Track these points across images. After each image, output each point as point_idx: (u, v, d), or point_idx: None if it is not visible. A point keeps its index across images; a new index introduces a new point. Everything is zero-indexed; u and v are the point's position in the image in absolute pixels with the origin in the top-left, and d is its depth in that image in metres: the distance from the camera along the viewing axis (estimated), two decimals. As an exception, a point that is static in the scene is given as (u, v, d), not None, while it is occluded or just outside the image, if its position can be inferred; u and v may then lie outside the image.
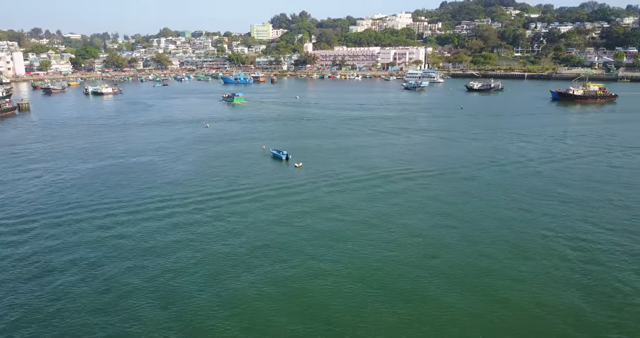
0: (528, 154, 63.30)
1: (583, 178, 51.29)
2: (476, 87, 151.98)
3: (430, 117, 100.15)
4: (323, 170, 55.98)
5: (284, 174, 55.01)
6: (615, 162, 58.33)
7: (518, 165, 57.15)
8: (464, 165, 57.04)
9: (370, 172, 54.75)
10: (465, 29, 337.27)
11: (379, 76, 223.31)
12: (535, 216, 40.02)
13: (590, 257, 32.31)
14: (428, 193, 46.69)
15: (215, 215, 41.27)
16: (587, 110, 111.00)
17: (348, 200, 44.68)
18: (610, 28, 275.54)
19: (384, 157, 61.98)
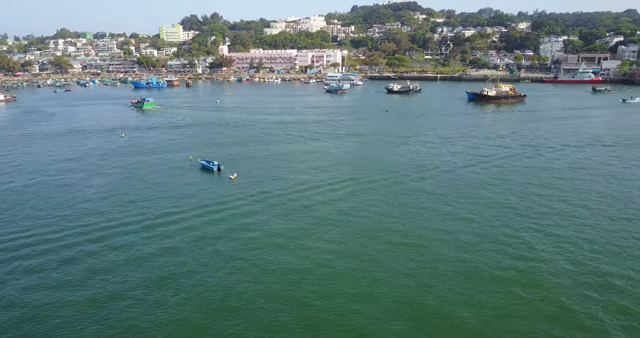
0: (461, 156, 63.55)
1: (520, 179, 51.91)
2: (396, 89, 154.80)
3: (358, 120, 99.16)
4: (262, 182, 51.80)
5: (218, 188, 50.07)
6: (538, 160, 60.23)
7: (453, 166, 57.00)
8: (403, 170, 55.66)
9: (311, 181, 51.46)
10: (377, 32, 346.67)
11: (298, 79, 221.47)
12: (481, 220, 39.16)
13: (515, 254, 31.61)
14: (375, 201, 44.38)
15: (138, 250, 35.73)
16: (501, 110, 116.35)
17: (296, 218, 41.00)
18: (508, 32, 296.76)
19: (322, 165, 59.02)
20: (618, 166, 57.36)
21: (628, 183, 49.83)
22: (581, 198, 45.28)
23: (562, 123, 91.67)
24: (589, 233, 36.99)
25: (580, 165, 57.83)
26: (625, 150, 66.44)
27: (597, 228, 37.83)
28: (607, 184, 49.71)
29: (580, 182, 50.72)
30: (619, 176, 52.82)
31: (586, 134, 79.50)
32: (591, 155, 63.23)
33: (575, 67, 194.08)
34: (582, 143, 71.49)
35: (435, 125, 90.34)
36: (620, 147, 68.70)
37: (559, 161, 60.22)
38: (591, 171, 55.07)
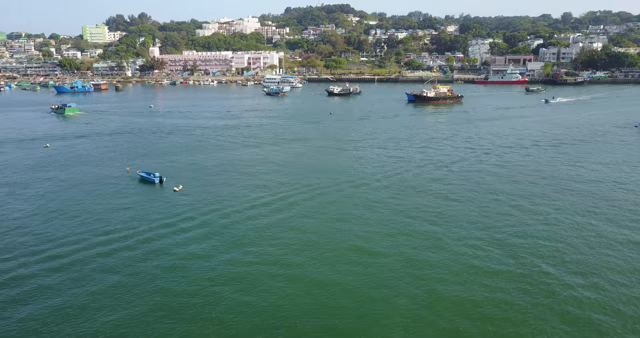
0: (411, 160, 62.94)
1: (474, 180, 51.80)
2: (337, 92, 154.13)
3: (303, 123, 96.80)
4: (209, 194, 47.99)
5: (162, 203, 45.77)
6: (490, 160, 60.87)
7: (406, 168, 56.08)
8: (358, 179, 53.94)
9: (263, 192, 48.37)
10: (312, 34, 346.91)
11: (235, 81, 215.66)
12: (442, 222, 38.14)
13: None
14: (331, 213, 42.16)
15: (70, 277, 31.27)
16: (441, 110, 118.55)
17: (251, 233, 37.85)
18: (439, 35, 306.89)
19: (273, 173, 56.02)
20: (564, 165, 58.99)
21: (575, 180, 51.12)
22: (546, 202, 45.58)
23: (501, 123, 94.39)
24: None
25: (534, 166, 58.89)
26: (569, 148, 68.90)
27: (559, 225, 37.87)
28: (569, 185, 50.66)
29: (539, 183, 51.33)
30: (568, 175, 54.17)
31: (525, 133, 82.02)
32: (539, 155, 64.80)
33: (504, 68, 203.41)
34: (525, 143, 73.38)
35: (381, 128, 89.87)
36: (564, 146, 71.19)
37: (507, 162, 61.05)
38: (545, 173, 56.11)
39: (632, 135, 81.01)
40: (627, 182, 51.47)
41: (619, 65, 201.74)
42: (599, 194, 46.98)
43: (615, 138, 77.34)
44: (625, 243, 35.51)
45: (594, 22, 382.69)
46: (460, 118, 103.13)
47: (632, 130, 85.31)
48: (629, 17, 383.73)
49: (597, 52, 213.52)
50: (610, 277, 30.50)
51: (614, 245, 35.11)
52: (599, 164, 59.37)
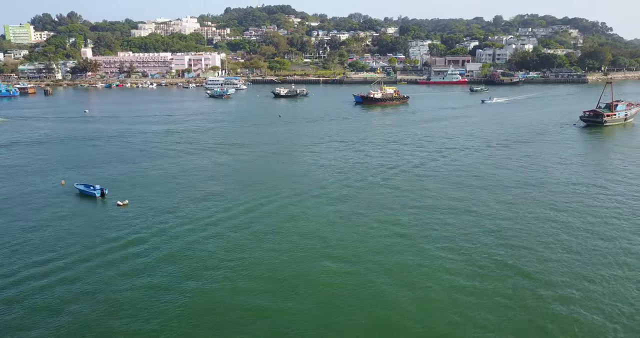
0: (368, 165, 61.72)
1: (434, 185, 51.16)
2: (283, 93, 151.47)
3: (252, 127, 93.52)
4: (158, 209, 44.15)
5: (104, 220, 41.54)
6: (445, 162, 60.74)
7: (365, 174, 54.67)
8: (319, 185, 51.85)
9: (218, 205, 45.11)
10: (254, 35, 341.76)
11: (175, 84, 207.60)
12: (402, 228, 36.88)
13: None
14: (293, 228, 39.79)
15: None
16: (388, 112, 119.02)
17: (210, 258, 34.44)
18: (380, 37, 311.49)
19: (226, 183, 52.72)
20: (521, 165, 59.77)
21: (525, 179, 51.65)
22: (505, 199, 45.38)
23: (450, 124, 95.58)
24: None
25: (492, 168, 59.15)
26: (521, 147, 70.24)
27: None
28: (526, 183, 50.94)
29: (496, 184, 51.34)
30: (524, 174, 54.76)
31: (475, 134, 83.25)
32: (494, 156, 65.43)
33: (444, 69, 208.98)
34: (477, 144, 74.19)
35: (332, 130, 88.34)
36: (515, 146, 72.53)
37: (466, 164, 61.10)
38: (505, 174, 56.40)
39: (573, 133, 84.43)
40: (580, 182, 52.66)
41: (549, 66, 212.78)
42: (557, 191, 47.60)
43: (559, 137, 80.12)
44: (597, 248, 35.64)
45: (522, 25, 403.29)
46: (409, 119, 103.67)
47: (571, 128, 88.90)
48: (554, 21, 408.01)
49: (529, 53, 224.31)
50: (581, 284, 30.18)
51: (580, 251, 35.11)
52: (555, 164, 60.70)
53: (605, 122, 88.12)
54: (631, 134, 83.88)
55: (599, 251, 34.37)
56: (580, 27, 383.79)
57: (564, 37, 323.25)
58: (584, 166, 59.89)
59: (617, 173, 55.81)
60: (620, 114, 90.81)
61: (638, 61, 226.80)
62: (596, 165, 60.57)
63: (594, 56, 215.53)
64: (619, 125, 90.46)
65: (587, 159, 64.15)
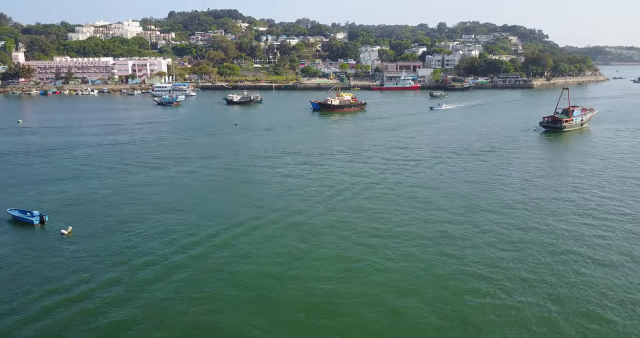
0: (340, 180, 58.07)
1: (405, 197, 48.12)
2: (236, 100, 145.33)
3: (206, 137, 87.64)
4: (109, 238, 38.36)
5: (46, 253, 35.34)
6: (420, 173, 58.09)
7: (337, 189, 50.96)
8: (290, 203, 47.55)
9: (178, 230, 39.88)
10: (200, 39, 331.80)
11: (119, 90, 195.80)
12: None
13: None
14: (269, 256, 35.33)
15: None
16: (347, 119, 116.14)
17: (174, 293, 29.48)
18: (330, 42, 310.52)
19: (184, 203, 47.32)
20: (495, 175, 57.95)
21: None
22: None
23: (413, 131, 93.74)
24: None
25: (466, 177, 56.90)
26: (489, 156, 68.80)
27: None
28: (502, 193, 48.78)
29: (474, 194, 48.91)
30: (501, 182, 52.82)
31: (439, 141, 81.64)
32: (463, 165, 63.42)
33: (396, 75, 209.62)
34: (444, 153, 72.31)
35: (292, 139, 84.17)
36: (484, 154, 71.07)
37: (439, 175, 58.67)
38: (480, 182, 54.20)
39: (534, 138, 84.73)
40: (558, 187, 51.34)
41: (496, 71, 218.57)
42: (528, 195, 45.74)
43: (522, 143, 79.87)
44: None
45: (465, 32, 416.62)
46: (369, 127, 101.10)
47: (532, 134, 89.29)
48: (494, 28, 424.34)
49: (476, 59, 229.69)
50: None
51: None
52: (532, 176, 59.40)
53: (564, 127, 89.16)
54: (588, 139, 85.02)
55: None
56: (519, 34, 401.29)
57: (505, 44, 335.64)
58: (560, 176, 59.02)
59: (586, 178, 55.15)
60: (577, 119, 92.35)
61: (576, 67, 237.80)
62: (570, 173, 59.91)
63: (536, 62, 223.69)
64: (577, 130, 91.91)
65: (562, 165, 63.62)
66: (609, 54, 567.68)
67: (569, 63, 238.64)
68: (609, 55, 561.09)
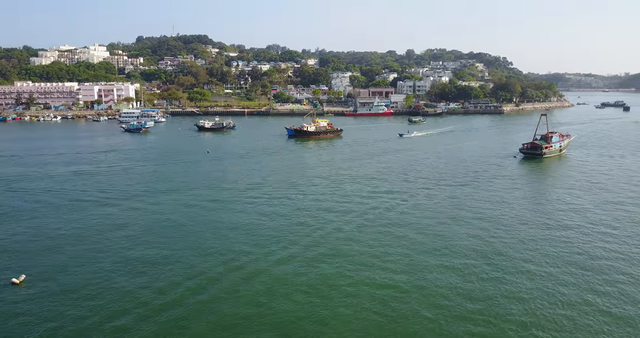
0: (325, 218, 54.42)
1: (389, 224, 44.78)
2: (208, 126, 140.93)
3: (177, 166, 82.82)
4: (68, 287, 33.31)
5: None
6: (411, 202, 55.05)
7: (322, 225, 47.31)
8: (279, 245, 43.51)
9: (146, 278, 35.22)
10: (170, 65, 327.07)
11: (84, 116, 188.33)
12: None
13: None
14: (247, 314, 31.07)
15: None
16: (324, 145, 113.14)
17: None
18: (302, 68, 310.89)
19: (154, 246, 42.63)
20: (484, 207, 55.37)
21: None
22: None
23: (394, 158, 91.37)
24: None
25: (456, 210, 54.07)
26: (476, 185, 66.55)
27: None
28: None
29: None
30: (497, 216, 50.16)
31: (422, 169, 79.32)
32: (451, 195, 60.83)
33: (369, 100, 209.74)
34: (430, 182, 69.78)
35: (269, 168, 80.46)
36: (470, 184, 68.79)
37: (423, 207, 55.75)
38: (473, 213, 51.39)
39: (516, 166, 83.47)
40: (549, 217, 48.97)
41: (466, 97, 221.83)
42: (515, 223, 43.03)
43: (506, 172, 78.32)
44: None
45: (433, 59, 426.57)
46: (347, 153, 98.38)
47: (512, 161, 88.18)
48: (461, 55, 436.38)
49: (447, 85, 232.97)
50: None
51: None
52: (520, 207, 57.12)
53: (544, 154, 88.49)
54: (569, 166, 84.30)
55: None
56: (485, 61, 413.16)
57: (472, 70, 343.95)
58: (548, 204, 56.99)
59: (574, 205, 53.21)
60: (556, 145, 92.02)
61: (543, 93, 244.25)
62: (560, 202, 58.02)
63: (505, 88, 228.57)
64: (556, 156, 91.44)
65: (546, 195, 61.81)
66: (569, 80, 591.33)
67: (536, 89, 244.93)
68: (569, 82, 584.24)
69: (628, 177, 71.95)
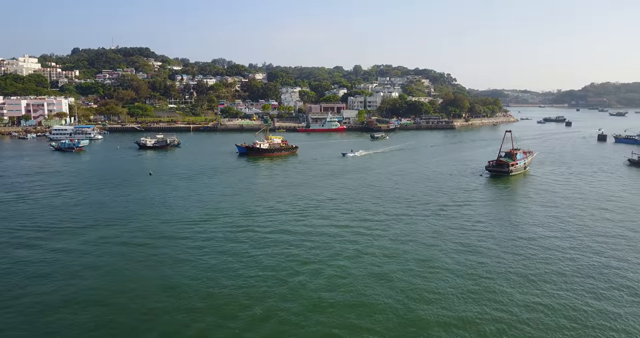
0: (289, 254, 46.77)
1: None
2: (150, 144, 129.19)
3: (112, 191, 72.35)
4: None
5: None
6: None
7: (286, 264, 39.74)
8: (236, 298, 35.31)
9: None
10: (108, 78, 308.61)
11: (8, 133, 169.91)
12: None
13: None
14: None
15: None
16: (279, 164, 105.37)
17: None
18: (250, 82, 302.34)
19: (81, 312, 33.29)
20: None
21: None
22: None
23: (357, 178, 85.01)
24: None
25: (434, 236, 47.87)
26: (451, 210, 61.02)
27: None
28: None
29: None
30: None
31: (387, 191, 73.39)
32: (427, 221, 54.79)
33: (321, 116, 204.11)
34: (400, 206, 63.74)
35: (218, 192, 72.01)
36: (447, 209, 63.26)
37: (404, 234, 49.28)
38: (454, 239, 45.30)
39: (484, 185, 79.44)
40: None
41: (417, 113, 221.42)
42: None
43: (476, 194, 73.85)
44: None
45: (380, 74, 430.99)
46: (305, 173, 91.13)
47: (479, 179, 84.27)
48: (407, 71, 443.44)
49: (397, 100, 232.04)
50: None
51: None
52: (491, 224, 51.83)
53: (511, 171, 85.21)
54: (537, 184, 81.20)
55: None
56: (431, 77, 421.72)
57: (419, 86, 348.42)
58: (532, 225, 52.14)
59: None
60: (521, 162, 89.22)
61: (489, 108, 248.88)
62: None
63: (454, 104, 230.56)
64: (521, 174, 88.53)
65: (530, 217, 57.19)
66: (507, 96, 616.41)
67: (483, 105, 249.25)
68: (508, 98, 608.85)
69: (601, 196, 69.22)
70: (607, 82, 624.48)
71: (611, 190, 74.06)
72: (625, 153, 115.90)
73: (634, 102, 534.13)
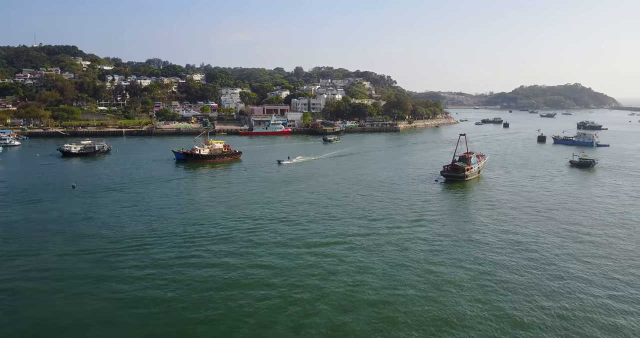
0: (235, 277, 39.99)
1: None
2: (76, 151, 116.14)
3: (24, 210, 61.79)
4: None
5: None
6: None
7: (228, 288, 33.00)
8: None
9: None
10: (30, 78, 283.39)
11: None
12: None
13: None
14: None
15: None
16: (221, 171, 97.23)
17: None
18: (187, 83, 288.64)
19: None
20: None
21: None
22: None
23: (306, 187, 78.81)
24: None
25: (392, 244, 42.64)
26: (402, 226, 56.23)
27: None
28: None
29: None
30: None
31: (335, 200, 67.82)
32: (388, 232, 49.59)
33: (265, 118, 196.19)
34: (358, 213, 58.24)
35: (153, 206, 63.52)
36: (394, 220, 58.39)
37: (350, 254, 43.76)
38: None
39: (441, 191, 75.89)
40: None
41: (361, 115, 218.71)
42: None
43: (436, 204, 69.92)
44: None
45: (321, 76, 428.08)
46: (252, 183, 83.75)
47: (435, 185, 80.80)
48: (348, 73, 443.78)
49: (341, 103, 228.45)
50: None
51: None
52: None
53: (466, 176, 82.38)
54: (493, 188, 78.83)
55: None
56: (371, 80, 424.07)
57: (360, 88, 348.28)
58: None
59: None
60: (475, 166, 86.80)
61: (431, 110, 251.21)
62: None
63: (397, 106, 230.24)
64: (475, 178, 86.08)
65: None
66: (444, 98, 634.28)
67: (425, 107, 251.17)
68: (445, 100, 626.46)
69: (560, 199, 67.36)
70: (534, 85, 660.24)
71: (573, 194, 72.68)
72: (565, 154, 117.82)
73: (559, 104, 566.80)
